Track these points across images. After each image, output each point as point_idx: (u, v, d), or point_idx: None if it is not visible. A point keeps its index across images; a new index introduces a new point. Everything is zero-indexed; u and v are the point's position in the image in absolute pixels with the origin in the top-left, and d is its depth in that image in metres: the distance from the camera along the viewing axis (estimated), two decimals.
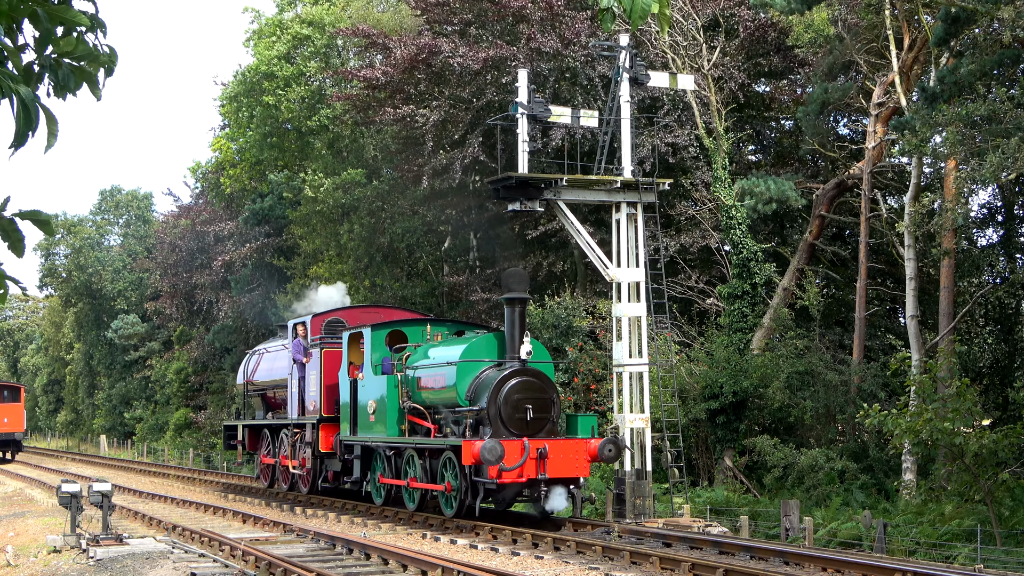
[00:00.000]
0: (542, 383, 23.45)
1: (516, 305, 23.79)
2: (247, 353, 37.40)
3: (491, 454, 21.34)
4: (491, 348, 24.00)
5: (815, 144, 35.87)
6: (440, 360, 24.47)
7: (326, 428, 28.56)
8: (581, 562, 18.16)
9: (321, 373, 28.94)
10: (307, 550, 20.60)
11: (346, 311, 31.37)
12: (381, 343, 26.59)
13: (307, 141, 49.41)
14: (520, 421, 22.83)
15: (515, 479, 22.22)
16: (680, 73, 33.89)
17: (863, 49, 33.00)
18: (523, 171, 30.40)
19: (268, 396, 34.14)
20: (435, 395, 24.45)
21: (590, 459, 23.15)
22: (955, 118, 24.54)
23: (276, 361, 32.87)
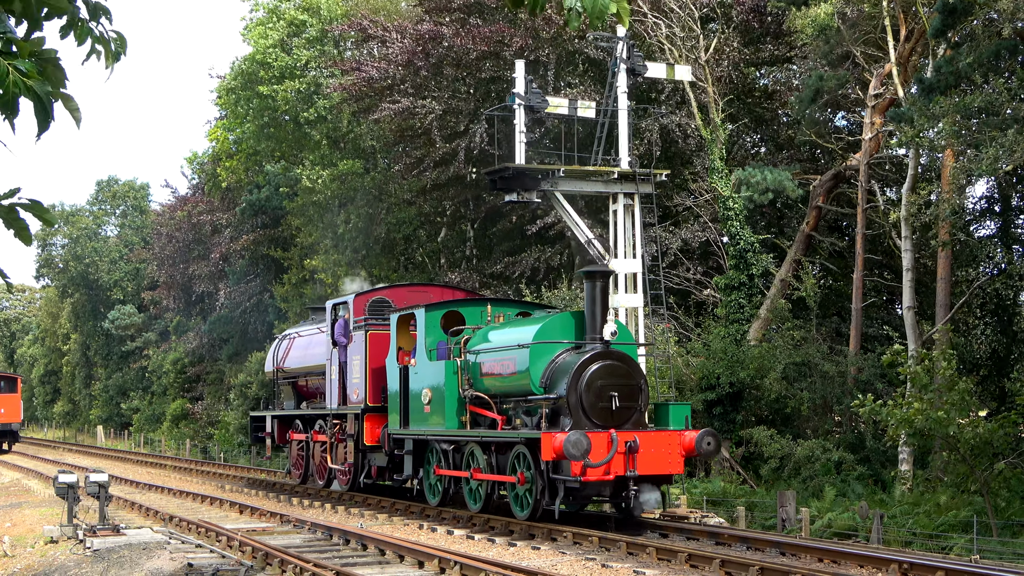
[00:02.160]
0: (628, 368, 20.71)
1: (597, 279, 20.91)
2: (276, 338, 35.02)
3: (576, 448, 18.78)
4: (567, 329, 21.18)
5: (811, 135, 35.88)
6: (508, 343, 21.63)
7: (371, 419, 25.84)
8: (578, 553, 18.19)
9: (366, 358, 26.11)
10: (304, 540, 20.63)
11: (392, 290, 28.37)
12: (436, 325, 23.87)
13: (304, 132, 49.38)
14: (604, 411, 20.16)
15: (601, 477, 19.48)
16: (678, 64, 33.93)
17: (860, 40, 32.99)
18: (520, 162, 30.44)
19: (300, 384, 31.68)
20: (502, 382, 21.63)
21: (684, 453, 20.52)
22: (952, 109, 24.56)
23: (310, 346, 30.48)
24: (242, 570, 16.98)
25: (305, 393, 31.51)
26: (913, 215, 30.62)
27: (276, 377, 32.89)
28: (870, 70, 33.67)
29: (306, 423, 30.42)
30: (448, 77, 39.00)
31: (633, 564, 16.92)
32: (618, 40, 30.75)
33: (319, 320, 30.73)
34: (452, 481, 23.25)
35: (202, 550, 19.39)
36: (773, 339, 33.52)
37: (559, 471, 19.53)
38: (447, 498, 23.60)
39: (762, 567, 15.54)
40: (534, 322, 21.95)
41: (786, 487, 28.24)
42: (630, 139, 31.72)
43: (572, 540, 19.29)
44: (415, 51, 38.97)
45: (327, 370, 28.19)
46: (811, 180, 36.29)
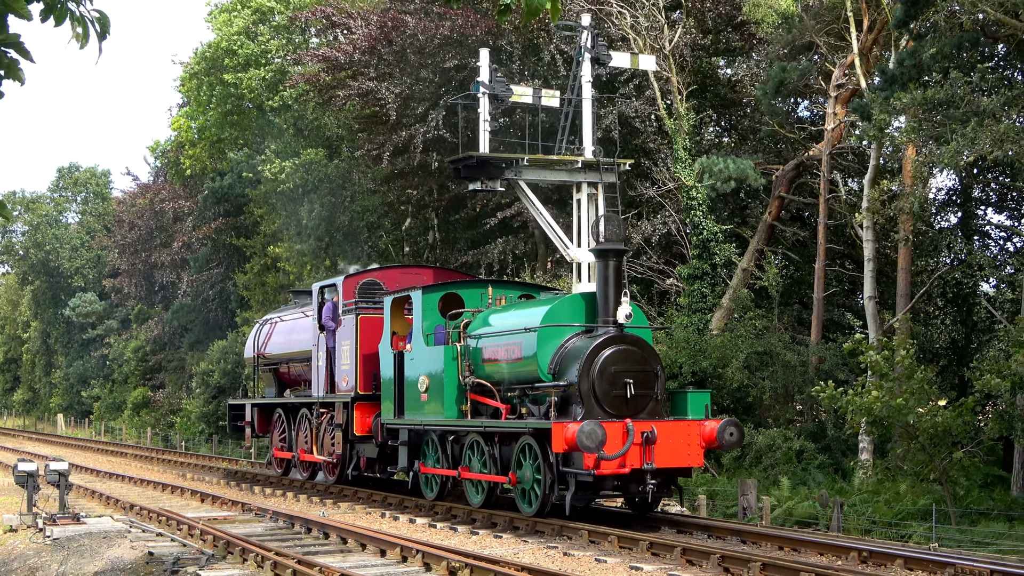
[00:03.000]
0: (644, 353, 19.38)
1: (611, 258, 19.47)
2: (257, 323, 33.18)
3: (591, 439, 17.50)
4: (577, 311, 19.83)
5: (774, 125, 36.02)
6: (513, 327, 20.26)
7: (361, 408, 24.38)
8: (539, 541, 18.24)
9: (357, 344, 24.58)
10: (266, 529, 20.60)
11: (383, 272, 26.92)
12: (434, 308, 22.46)
13: (268, 119, 49.19)
14: (618, 399, 18.85)
15: (616, 470, 18.27)
16: (642, 53, 33.98)
17: (823, 30, 33.12)
18: (484, 150, 30.46)
19: (281, 371, 30.32)
20: (506, 369, 20.31)
21: (704, 445, 19.25)
22: (913, 104, 24.70)
23: (294, 331, 29.04)
24: (203, 559, 16.95)
25: (287, 380, 30.28)
26: (876, 211, 30.79)
27: (256, 364, 31.48)
28: (833, 60, 33.81)
29: (289, 412, 29.17)
30: (412, 64, 38.89)
31: (595, 552, 16.98)
32: (582, 30, 30.80)
33: (303, 304, 29.68)
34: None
35: (163, 539, 19.35)
36: (735, 328, 33.66)
37: (570, 464, 18.43)
38: (445, 491, 22.47)
39: (723, 555, 15.63)
40: (542, 304, 20.66)
41: (747, 476, 28.38)
42: (594, 128, 31.79)
43: (533, 528, 19.33)
44: (378, 37, 38.86)
45: (313, 356, 26.83)
46: (774, 170, 36.44)
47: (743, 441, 20.88)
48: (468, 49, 37.27)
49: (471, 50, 36.20)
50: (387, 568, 16.05)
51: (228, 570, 16.26)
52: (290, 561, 15.90)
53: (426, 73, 38.77)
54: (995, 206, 36.72)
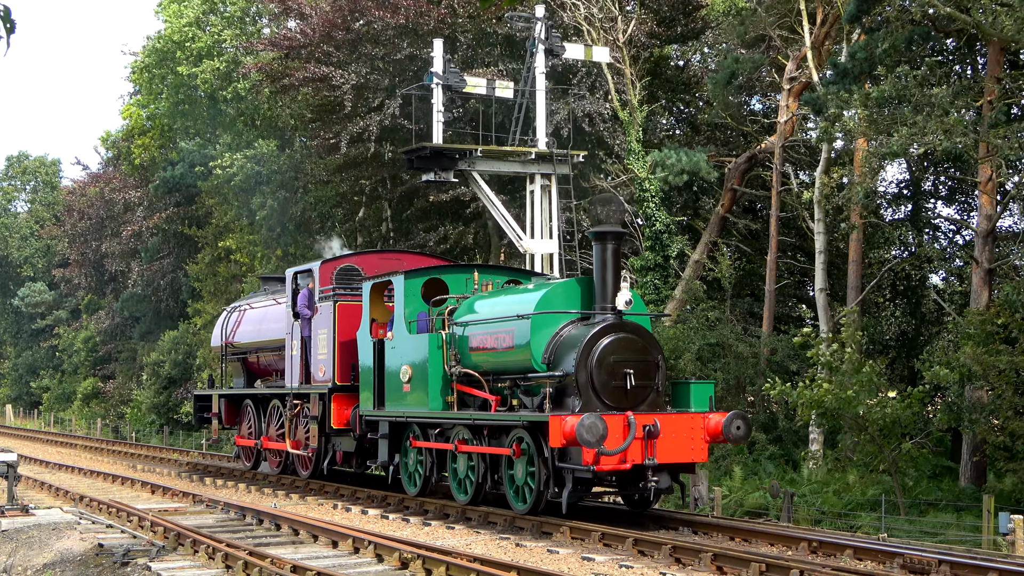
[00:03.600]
0: (644, 341, 18.41)
1: (609, 241, 18.41)
2: (224, 310, 31.87)
3: (591, 433, 16.48)
4: (572, 297, 18.82)
5: (727, 117, 36.17)
6: (504, 314, 19.21)
7: (339, 399, 23.33)
8: (491, 533, 18.26)
9: (334, 332, 23.49)
10: (216, 520, 20.51)
11: (361, 256, 25.70)
12: (416, 294, 21.29)
13: (220, 109, 48.89)
14: (618, 390, 17.91)
15: (616, 466, 17.29)
16: (596, 45, 34.05)
17: (776, 23, 33.27)
18: (438, 141, 30.53)
19: (250, 361, 29.15)
20: (496, 358, 19.26)
21: (709, 439, 18.30)
22: (864, 98, 24.88)
23: (265, 320, 27.87)
24: (153, 550, 16.86)
25: (256, 370, 29.15)
26: (826, 197, 30.97)
27: (224, 353, 30.15)
28: (785, 53, 33.99)
29: (259, 403, 28.09)
30: (366, 54, 38.75)
31: (547, 543, 17.02)
32: (536, 21, 30.85)
33: (273, 291, 28.72)
34: (434, 468, 21.09)
35: (113, 530, 19.24)
36: (688, 320, 33.81)
37: (566, 459, 17.43)
38: (428, 487, 21.39)
39: (675, 545, 15.69)
40: (535, 289, 19.53)
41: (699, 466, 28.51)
42: (548, 120, 31.85)
43: (486, 520, 19.35)
44: (334, 22, 38.65)
45: (286, 345, 25.72)
46: (726, 162, 36.60)
47: (751, 435, 19.57)
48: (422, 39, 37.19)
49: (425, 41, 36.13)
50: (339, 559, 16.02)
51: (179, 562, 16.19)
52: (241, 552, 15.84)
53: (380, 63, 38.64)
54: (944, 199, 37.06)
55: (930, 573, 14.08)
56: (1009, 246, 32.85)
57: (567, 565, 15.13)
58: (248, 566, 14.95)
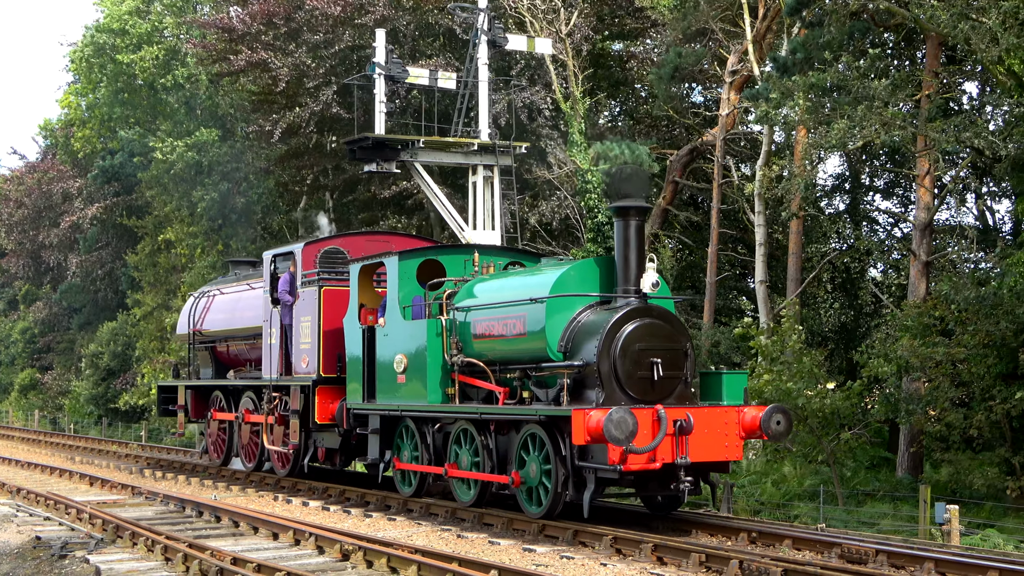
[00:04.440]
0: (672, 328, 16.93)
1: (632, 217, 16.89)
2: (191, 296, 29.99)
3: (620, 429, 15.01)
4: (590, 279, 17.33)
5: (668, 110, 36.30)
6: (514, 297, 17.66)
7: (323, 392, 21.82)
8: (433, 524, 18.27)
9: (319, 319, 21.88)
10: (156, 513, 20.39)
11: (347, 239, 23.94)
12: (411, 277, 19.78)
13: (160, 98, 48.46)
14: (644, 382, 16.42)
15: (645, 465, 15.73)
16: (538, 36, 34.06)
17: (718, 17, 33.41)
18: (380, 132, 30.45)
19: (219, 350, 27.49)
20: (505, 346, 17.76)
21: (744, 435, 16.84)
22: (805, 86, 25.06)
23: (238, 306, 26.22)
24: (92, 543, 16.75)
25: (226, 360, 27.48)
26: (766, 188, 31.15)
27: (192, 341, 28.28)
28: (727, 46, 34.14)
29: (230, 396, 26.43)
30: (307, 43, 38.51)
31: (487, 535, 17.05)
32: (479, 12, 30.84)
33: (245, 276, 27.26)
34: (431, 465, 19.45)
35: (51, 523, 19.10)
36: None
37: (588, 457, 15.95)
38: (423, 488, 19.88)
39: (615, 536, 15.77)
40: (549, 270, 17.99)
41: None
42: (490, 111, 31.84)
43: (428, 511, 19.35)
44: (274, 11, 38.39)
45: (264, 334, 24.03)
46: (668, 154, 36.73)
47: (791, 431, 17.92)
48: (362, 30, 37.04)
49: (367, 32, 35.99)
50: (279, 551, 15.98)
51: (118, 554, 16.09)
52: (181, 545, 15.76)
53: (321, 51, 38.43)
54: (883, 192, 37.40)
55: (867, 563, 14.23)
56: (946, 239, 33.22)
57: (508, 556, 15.19)
58: (188, 558, 14.89)
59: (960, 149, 26.90)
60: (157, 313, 49.98)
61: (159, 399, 30.24)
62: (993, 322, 22.60)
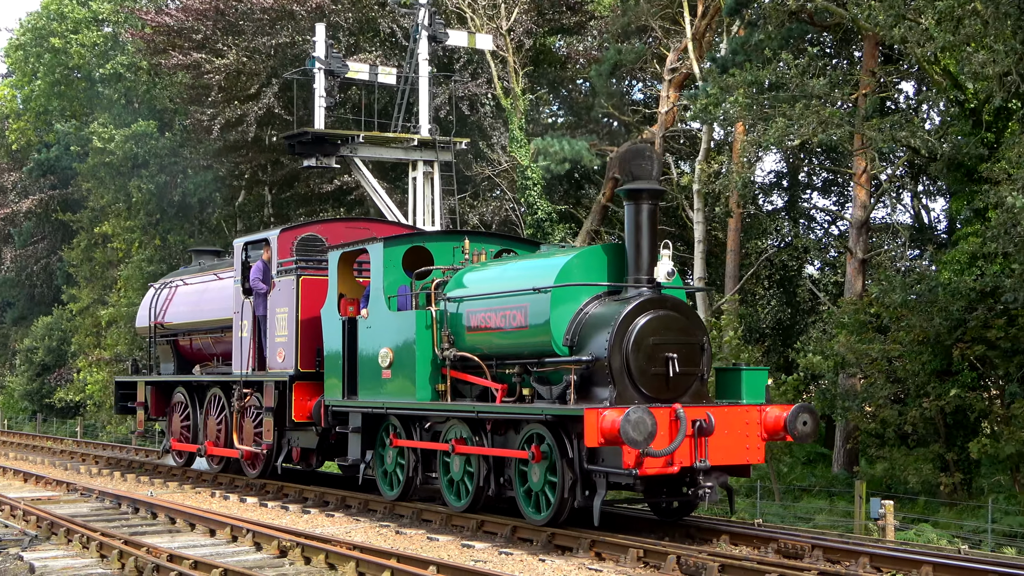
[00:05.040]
0: (688, 321, 15.57)
1: (644, 201, 15.45)
2: (152, 287, 27.82)
3: (638, 431, 13.76)
4: (597, 268, 15.88)
5: (609, 107, 36.40)
6: (514, 287, 16.24)
7: (300, 388, 20.28)
8: (372, 520, 18.19)
9: (297, 311, 20.28)
10: (91, 509, 20.15)
11: (325, 225, 22.37)
12: (397, 265, 18.27)
13: (97, 90, 47.97)
14: (658, 378, 15.05)
15: (662, 469, 14.43)
16: (479, 32, 34.05)
17: (658, 14, 33.53)
18: (320, 127, 30.35)
19: (181, 344, 25.69)
20: (503, 339, 16.37)
21: (767, 436, 15.41)
22: (744, 84, 25.22)
23: (204, 297, 24.52)
24: (25, 540, 16.53)
25: (188, 355, 25.68)
26: (705, 185, 31.30)
27: (153, 335, 26.35)
28: (667, 44, 34.27)
29: (194, 392, 24.68)
30: (245, 37, 38.26)
31: (425, 530, 17.01)
32: (420, 7, 30.78)
33: (210, 265, 25.80)
34: (418, 467, 18.12)
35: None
36: None
37: (598, 460, 14.63)
38: (410, 491, 18.37)
39: (553, 533, 15.74)
40: (553, 256, 16.78)
41: None
42: (431, 107, 31.79)
43: (366, 507, 19.26)
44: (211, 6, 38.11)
45: (235, 326, 22.37)
46: (608, 151, 36.82)
47: (818, 432, 16.64)
48: (300, 25, 36.88)
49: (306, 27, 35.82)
50: (216, 548, 15.85)
51: (52, 551, 15.89)
52: (116, 542, 15.58)
53: (260, 46, 38.19)
54: (820, 190, 37.72)
55: (804, 557, 14.31)
56: (882, 237, 33.54)
57: (447, 552, 15.14)
58: (123, 555, 14.72)
59: (896, 148, 27.16)
60: (93, 308, 49.47)
61: (116, 396, 28.31)
62: (927, 319, 22.85)
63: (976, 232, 22.78)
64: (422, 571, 13.28)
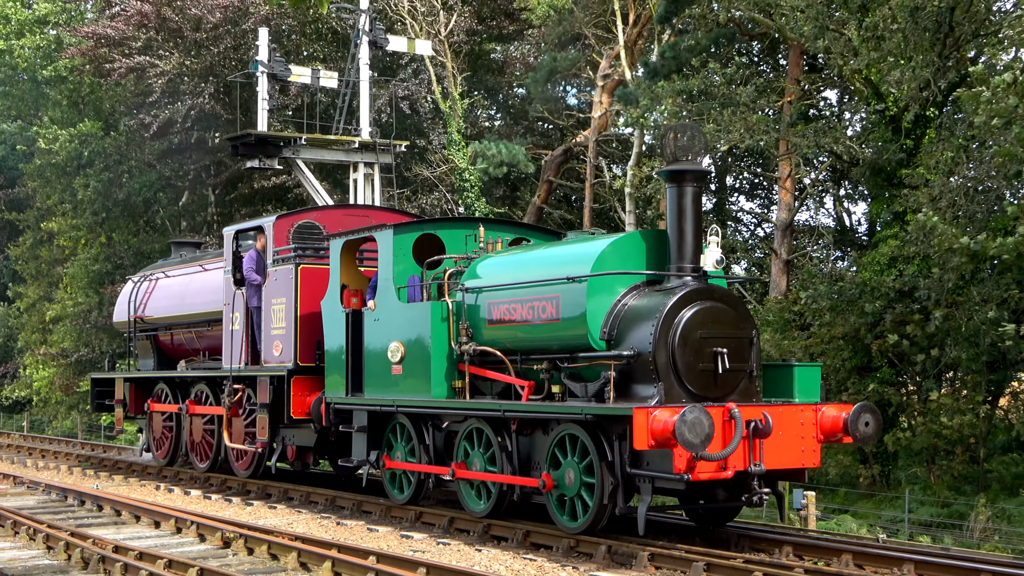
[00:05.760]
0: (737, 313, 13.83)
1: (688, 183, 13.72)
2: (130, 280, 26.01)
3: (695, 432, 12.11)
4: (633, 256, 14.05)
5: (544, 111, 36.53)
6: (542, 275, 14.44)
7: (299, 384, 18.64)
8: (312, 512, 18.19)
9: (296, 302, 18.58)
10: (38, 502, 20.00)
11: (323, 212, 20.89)
12: (407, 254, 16.55)
13: (42, 91, 47.46)
14: (706, 375, 13.38)
15: (715, 474, 12.76)
16: (419, 38, 34.07)
17: (591, 22, 33.69)
18: (263, 129, 30.25)
19: (162, 339, 24.06)
20: (529, 333, 14.63)
21: (823, 438, 13.75)
22: (674, 91, 25.41)
23: (188, 289, 22.90)
24: None
25: (169, 350, 24.08)
26: (637, 188, 31.47)
27: (132, 329, 24.64)
28: (600, 51, 34.43)
29: (175, 388, 23.17)
30: (188, 40, 38.03)
31: (364, 521, 17.02)
32: (361, 13, 30.77)
33: (191, 257, 24.41)
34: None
35: None
36: None
37: (643, 464, 12.96)
38: (421, 494, 16.98)
39: (488, 524, 15.80)
40: (586, 243, 14.80)
41: None
42: (371, 110, 31.77)
43: (307, 499, 19.25)
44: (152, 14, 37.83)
45: (225, 319, 20.72)
46: (543, 154, 36.94)
47: (880, 434, 14.97)
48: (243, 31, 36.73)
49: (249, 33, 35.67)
50: (161, 539, 15.79)
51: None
52: (63, 534, 15.49)
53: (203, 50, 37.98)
54: (747, 194, 38.05)
55: (730, 547, 14.46)
56: (805, 239, 33.89)
57: (386, 542, 15.17)
58: (69, 547, 14.64)
59: (819, 153, 27.48)
60: (39, 305, 48.93)
61: (92, 393, 26.60)
62: (847, 317, 23.15)
63: (895, 235, 23.12)
64: (362, 560, 13.31)
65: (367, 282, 17.68)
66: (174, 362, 23.87)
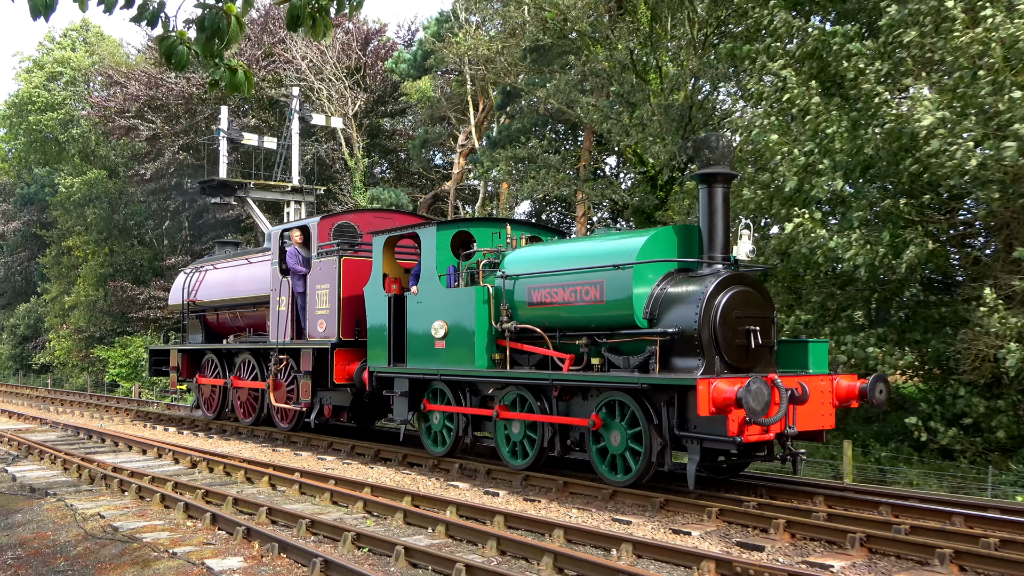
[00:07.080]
0: (763, 297, 11.84)
1: (719, 184, 11.70)
2: (182, 272, 23.49)
3: (758, 400, 10.21)
4: (668, 247, 11.98)
5: (420, 168, 36.48)
6: (587, 263, 12.19)
7: (341, 355, 16.20)
8: (256, 443, 17.90)
9: (339, 286, 16.35)
10: (58, 436, 19.37)
11: (356, 215, 18.16)
12: (446, 247, 14.38)
13: (62, 148, 46.27)
14: (740, 350, 11.41)
15: (760, 436, 10.67)
16: (333, 116, 33.80)
17: (453, 108, 33.78)
18: (223, 175, 29.85)
19: (209, 319, 21.50)
20: (571, 313, 12.30)
21: (838, 403, 11.71)
22: (506, 157, 25.66)
23: (237, 278, 20.54)
24: (10, 458, 15.81)
25: (215, 327, 21.53)
26: None
27: (185, 310, 22.36)
28: (458, 128, 34.54)
29: (223, 358, 20.65)
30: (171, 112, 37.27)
31: (291, 449, 16.83)
32: (293, 97, 30.56)
33: (234, 254, 22.08)
34: (468, 427, 13.94)
35: None
36: None
37: (690, 428, 10.82)
38: (459, 446, 14.31)
39: (377, 450, 15.78)
40: (631, 236, 12.31)
41: None
42: (300, 163, 31.50)
43: (252, 434, 18.94)
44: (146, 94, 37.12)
45: (272, 301, 18.25)
46: (419, 197, 36.89)
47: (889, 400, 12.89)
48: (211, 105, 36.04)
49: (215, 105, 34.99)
50: (147, 462, 15.46)
51: (29, 466, 15.26)
52: (75, 458, 15.07)
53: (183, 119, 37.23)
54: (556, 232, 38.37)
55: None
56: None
57: (307, 463, 15.08)
58: (80, 467, 14.26)
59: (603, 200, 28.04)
60: (60, 297, 47.51)
61: (151, 362, 23.69)
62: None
63: None
64: (288, 476, 13.21)
65: (402, 271, 15.84)
66: (219, 337, 21.54)
